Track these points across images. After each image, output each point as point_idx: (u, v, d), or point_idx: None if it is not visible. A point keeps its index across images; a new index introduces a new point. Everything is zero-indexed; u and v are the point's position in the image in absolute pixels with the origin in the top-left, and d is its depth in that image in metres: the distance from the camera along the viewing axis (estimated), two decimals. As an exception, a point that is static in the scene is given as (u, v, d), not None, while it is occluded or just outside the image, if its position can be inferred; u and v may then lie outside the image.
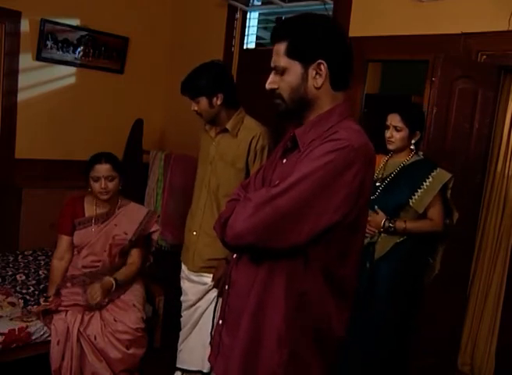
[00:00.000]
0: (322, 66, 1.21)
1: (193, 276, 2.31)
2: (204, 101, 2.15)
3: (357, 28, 2.86)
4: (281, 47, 1.23)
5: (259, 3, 3.54)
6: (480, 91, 2.46)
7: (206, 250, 2.23)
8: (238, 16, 3.62)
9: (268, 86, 1.27)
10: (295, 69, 1.22)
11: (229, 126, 2.19)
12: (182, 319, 2.41)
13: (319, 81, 1.22)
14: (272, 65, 1.26)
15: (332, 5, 3.07)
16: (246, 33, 3.63)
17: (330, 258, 1.20)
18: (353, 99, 2.86)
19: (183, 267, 2.38)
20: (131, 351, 2.34)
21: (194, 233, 2.26)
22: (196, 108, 2.18)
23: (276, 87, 1.26)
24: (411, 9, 2.72)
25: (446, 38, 2.57)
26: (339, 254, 1.21)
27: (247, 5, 3.51)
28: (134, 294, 2.54)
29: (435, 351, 2.58)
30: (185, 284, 2.37)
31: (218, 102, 2.16)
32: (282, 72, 1.24)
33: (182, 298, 2.41)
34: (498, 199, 2.77)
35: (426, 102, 2.52)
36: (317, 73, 1.21)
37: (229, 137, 2.20)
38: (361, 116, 2.94)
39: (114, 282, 2.38)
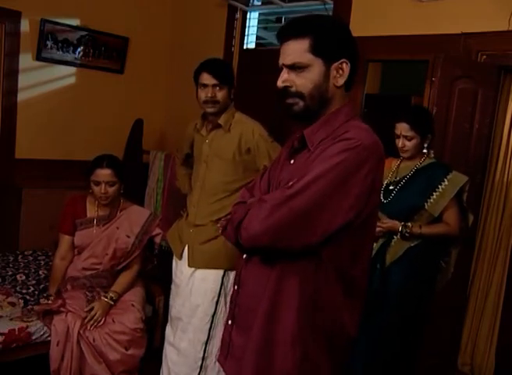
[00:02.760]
0: (345, 66, 1.21)
1: (187, 271, 2.25)
2: (226, 90, 2.17)
3: (357, 28, 2.82)
4: (302, 43, 1.20)
5: (259, 3, 3.54)
6: (480, 91, 2.46)
7: (204, 247, 2.20)
8: (238, 16, 3.62)
9: (281, 84, 1.23)
10: (318, 66, 1.20)
11: (221, 121, 2.19)
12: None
13: (340, 80, 1.22)
14: (288, 62, 1.22)
15: (332, 5, 3.07)
16: (246, 33, 3.63)
17: (342, 258, 1.21)
18: (353, 99, 2.86)
19: (174, 264, 2.35)
20: (130, 351, 2.34)
21: (191, 230, 2.25)
22: (213, 94, 2.13)
23: (290, 84, 1.23)
24: (411, 9, 2.72)
25: (446, 38, 2.57)
26: (351, 254, 1.22)
27: (247, 5, 3.51)
28: (134, 295, 2.54)
29: (436, 352, 2.58)
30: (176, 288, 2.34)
31: (232, 96, 2.21)
32: (301, 69, 1.20)
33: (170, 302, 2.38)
34: (498, 199, 2.77)
35: (426, 102, 2.52)
36: (338, 72, 1.21)
37: (222, 133, 2.20)
38: (361, 116, 2.94)
39: (112, 302, 2.42)
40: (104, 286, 2.51)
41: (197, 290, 2.22)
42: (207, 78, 2.14)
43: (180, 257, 2.28)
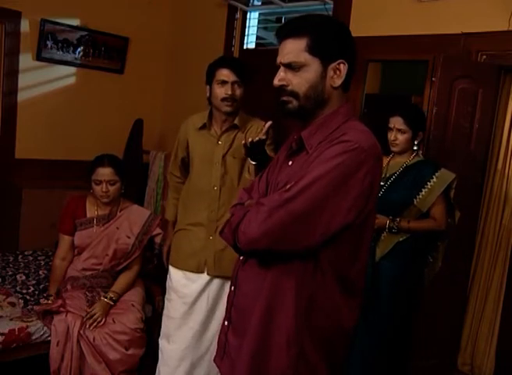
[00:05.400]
0: (342, 66, 1.21)
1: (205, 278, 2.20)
2: (243, 89, 2.13)
3: (357, 28, 2.84)
4: (299, 43, 1.20)
5: (259, 3, 3.54)
6: (480, 91, 2.46)
7: (227, 254, 2.10)
8: (238, 16, 3.62)
9: (278, 83, 1.23)
10: (315, 66, 1.20)
11: (237, 121, 2.17)
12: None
13: (338, 81, 1.22)
14: (285, 61, 1.22)
15: (332, 5, 3.07)
16: (246, 33, 3.63)
17: (340, 258, 1.20)
18: (353, 99, 2.86)
19: (179, 274, 2.26)
20: (130, 351, 2.34)
21: (211, 237, 2.16)
22: (233, 91, 2.09)
23: (286, 83, 1.23)
24: (411, 9, 2.72)
25: (446, 38, 2.57)
26: (349, 254, 1.22)
27: (247, 5, 3.51)
28: (134, 295, 2.54)
29: (436, 352, 2.58)
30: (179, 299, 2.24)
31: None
32: (298, 68, 1.20)
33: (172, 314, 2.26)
34: (498, 199, 2.77)
35: (426, 102, 2.52)
36: (335, 73, 1.21)
37: (236, 133, 2.18)
38: (361, 116, 2.94)
39: (112, 303, 2.41)
40: (104, 286, 2.51)
41: (214, 295, 2.20)
42: (227, 74, 2.08)
43: (198, 269, 2.19)
